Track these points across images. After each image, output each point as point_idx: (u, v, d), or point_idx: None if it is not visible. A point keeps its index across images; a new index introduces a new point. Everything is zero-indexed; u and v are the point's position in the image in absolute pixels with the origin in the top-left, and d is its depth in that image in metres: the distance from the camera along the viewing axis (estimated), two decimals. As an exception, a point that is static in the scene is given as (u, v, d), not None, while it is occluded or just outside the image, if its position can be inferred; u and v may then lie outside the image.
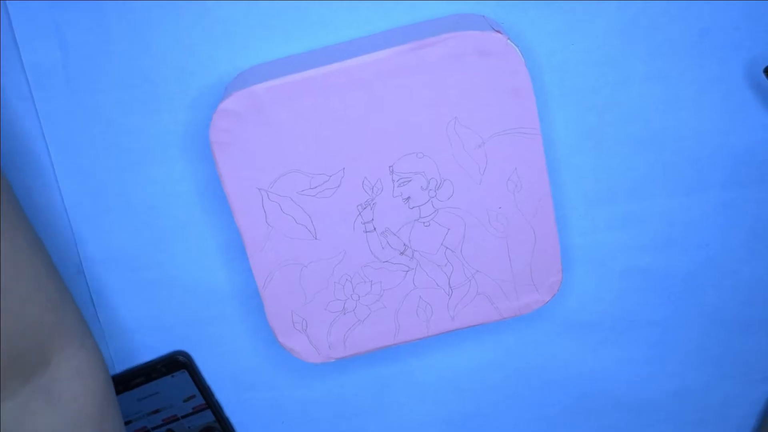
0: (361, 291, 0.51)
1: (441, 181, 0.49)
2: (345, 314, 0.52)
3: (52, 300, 0.45)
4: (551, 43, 0.49)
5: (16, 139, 0.50)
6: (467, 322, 0.53)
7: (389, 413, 0.62)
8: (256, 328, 0.57)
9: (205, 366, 0.58)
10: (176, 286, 0.55)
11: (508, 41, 0.45)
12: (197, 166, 0.51)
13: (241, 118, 0.46)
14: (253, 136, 0.46)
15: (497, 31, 0.45)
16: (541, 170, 0.48)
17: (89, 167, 0.51)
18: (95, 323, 0.55)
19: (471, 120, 0.47)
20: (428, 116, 0.47)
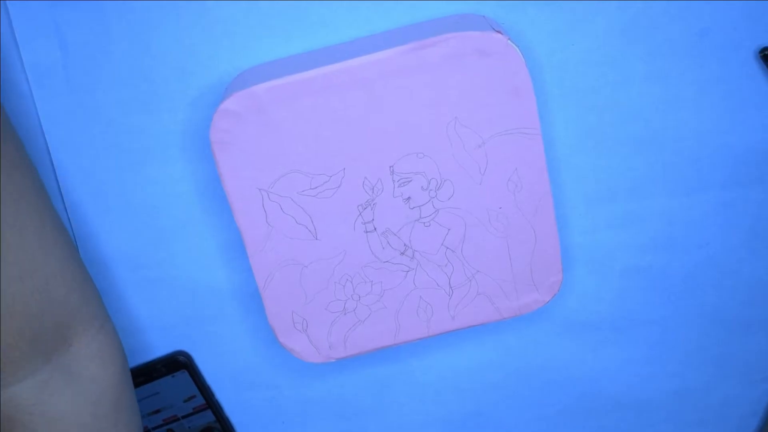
0: (362, 291, 0.51)
1: (441, 182, 0.49)
2: (345, 314, 0.52)
3: (76, 281, 0.45)
4: (551, 43, 0.49)
5: (16, 139, 0.50)
6: (467, 322, 0.53)
7: (389, 413, 0.62)
8: (257, 328, 0.57)
9: (205, 366, 0.58)
10: (176, 285, 0.55)
11: (509, 41, 0.45)
12: (197, 165, 0.51)
13: (241, 118, 0.46)
14: (254, 136, 0.46)
15: (497, 32, 0.45)
16: (542, 170, 0.48)
17: (89, 167, 0.51)
18: (95, 323, 0.55)
19: (471, 120, 0.47)
20: (428, 116, 0.47)
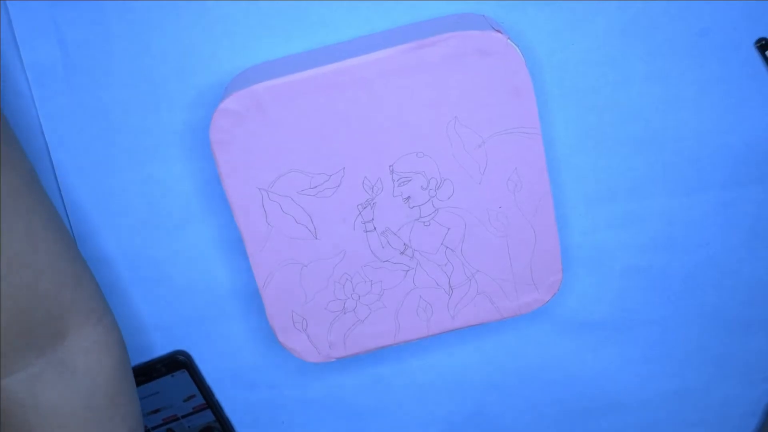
0: (362, 290, 0.51)
1: (441, 181, 0.49)
2: (345, 314, 0.52)
3: (69, 275, 0.45)
4: (551, 43, 0.49)
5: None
6: (467, 321, 0.53)
7: (389, 413, 0.62)
8: (256, 328, 0.57)
9: (205, 365, 0.58)
10: (176, 285, 0.55)
11: (509, 41, 0.45)
12: (197, 165, 0.51)
13: (241, 117, 0.46)
14: (254, 136, 0.46)
15: (497, 31, 0.45)
16: (542, 170, 0.48)
17: (89, 166, 0.51)
18: (95, 323, 0.55)
19: (471, 119, 0.47)
20: (428, 116, 0.47)
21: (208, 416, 0.60)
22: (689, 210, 0.55)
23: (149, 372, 0.57)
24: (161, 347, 0.57)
